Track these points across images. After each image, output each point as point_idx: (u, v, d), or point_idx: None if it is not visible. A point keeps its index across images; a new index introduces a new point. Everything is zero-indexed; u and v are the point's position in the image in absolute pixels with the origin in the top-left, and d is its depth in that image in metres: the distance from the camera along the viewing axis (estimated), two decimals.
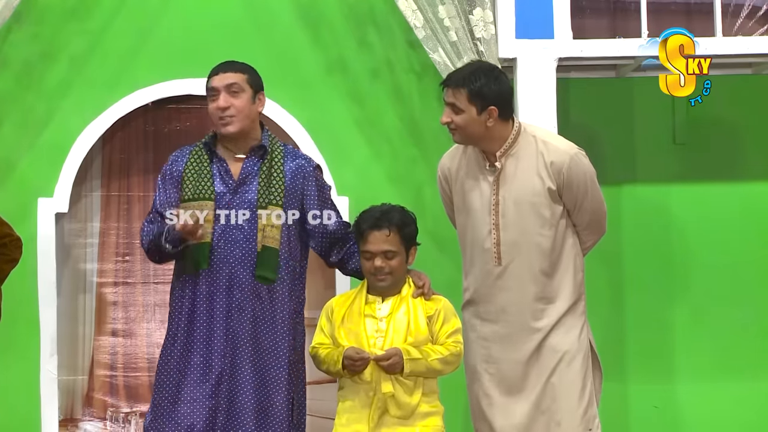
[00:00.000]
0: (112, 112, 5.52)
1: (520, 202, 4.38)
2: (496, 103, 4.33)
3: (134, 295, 5.72)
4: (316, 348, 4.34)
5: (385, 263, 4.30)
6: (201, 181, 4.46)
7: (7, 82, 5.51)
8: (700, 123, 5.82)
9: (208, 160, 4.50)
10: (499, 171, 4.39)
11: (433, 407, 4.33)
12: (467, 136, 4.37)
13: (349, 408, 4.28)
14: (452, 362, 4.30)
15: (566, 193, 4.38)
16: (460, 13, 5.28)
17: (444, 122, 4.38)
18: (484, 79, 4.33)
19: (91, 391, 5.69)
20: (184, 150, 4.59)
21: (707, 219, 5.84)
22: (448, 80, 4.39)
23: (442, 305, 4.36)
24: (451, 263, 5.46)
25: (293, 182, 4.51)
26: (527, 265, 4.38)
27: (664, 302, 5.81)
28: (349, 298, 4.37)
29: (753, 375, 5.81)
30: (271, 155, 4.50)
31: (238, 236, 4.42)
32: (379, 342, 4.27)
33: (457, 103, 4.33)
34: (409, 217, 4.39)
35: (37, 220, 5.45)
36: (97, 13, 5.55)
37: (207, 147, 4.52)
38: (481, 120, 4.33)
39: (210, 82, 4.52)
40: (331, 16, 5.61)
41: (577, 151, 4.42)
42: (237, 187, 4.45)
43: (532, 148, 4.39)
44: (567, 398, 4.36)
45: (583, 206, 4.41)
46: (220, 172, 4.48)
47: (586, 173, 4.41)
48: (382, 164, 5.61)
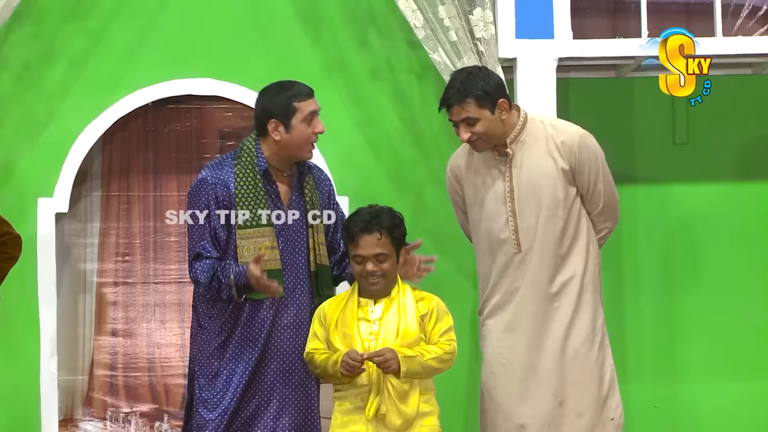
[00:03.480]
0: (112, 112, 5.52)
1: (534, 184, 4.42)
2: (502, 95, 4.41)
3: (134, 295, 5.72)
4: (311, 354, 4.33)
5: (377, 267, 4.28)
6: (258, 205, 4.36)
7: (7, 82, 5.51)
8: (700, 123, 5.82)
9: (262, 181, 4.38)
10: (510, 158, 4.42)
11: (430, 407, 4.32)
12: (490, 138, 4.41)
13: (347, 410, 4.28)
14: (447, 360, 4.29)
15: (579, 175, 4.43)
16: (460, 13, 5.28)
17: (465, 140, 4.40)
18: (480, 81, 4.38)
19: (91, 391, 5.69)
20: (222, 171, 4.41)
21: (707, 219, 5.84)
22: (448, 100, 4.41)
23: (435, 304, 4.35)
24: (451, 263, 5.47)
25: (323, 191, 4.55)
26: (545, 249, 4.42)
27: (664, 302, 5.81)
28: (342, 302, 4.36)
29: (753, 375, 5.81)
30: (308, 169, 4.51)
31: (291, 258, 4.40)
32: (372, 344, 4.26)
33: (469, 114, 4.36)
34: (398, 218, 4.37)
35: (37, 220, 5.44)
36: (97, 13, 5.54)
37: (257, 167, 4.38)
38: (497, 117, 4.39)
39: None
40: (331, 16, 5.60)
41: (585, 133, 4.49)
42: (287, 208, 4.42)
43: (541, 132, 4.45)
44: (586, 388, 4.38)
45: (596, 188, 4.45)
46: (271, 195, 4.40)
47: (597, 153, 4.48)
48: (382, 164, 5.60)
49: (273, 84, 4.46)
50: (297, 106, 4.35)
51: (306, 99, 4.37)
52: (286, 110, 4.35)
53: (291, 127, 4.35)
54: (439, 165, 5.58)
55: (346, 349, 4.23)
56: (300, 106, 4.36)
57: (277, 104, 4.37)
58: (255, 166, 4.37)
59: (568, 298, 4.43)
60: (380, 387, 4.23)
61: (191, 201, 4.39)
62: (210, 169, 4.42)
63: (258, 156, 4.38)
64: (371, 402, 4.22)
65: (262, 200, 4.35)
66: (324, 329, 4.33)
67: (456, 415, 5.45)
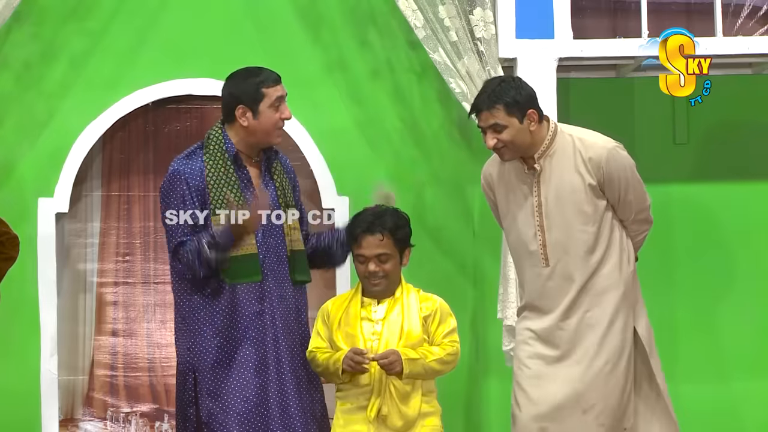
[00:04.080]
0: (112, 112, 5.52)
1: (561, 200, 4.38)
2: (532, 106, 4.36)
3: (134, 295, 5.72)
4: (314, 352, 4.34)
5: (379, 267, 4.29)
6: (230, 190, 4.36)
7: (7, 82, 5.52)
8: (700, 123, 5.82)
9: (233, 166, 4.39)
10: (538, 173, 4.40)
11: (431, 407, 4.32)
12: (516, 148, 4.37)
13: (348, 409, 4.28)
14: (450, 362, 4.30)
15: (608, 189, 4.39)
16: (461, 13, 5.28)
17: (491, 146, 4.37)
18: (513, 89, 4.34)
19: (91, 391, 5.69)
20: (192, 161, 4.43)
21: (707, 219, 5.84)
22: (479, 105, 4.37)
23: (438, 305, 4.35)
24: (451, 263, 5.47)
25: (290, 179, 4.55)
26: (574, 264, 4.37)
27: (665, 302, 5.80)
28: (345, 301, 4.37)
29: (753, 375, 5.81)
30: (275, 154, 4.51)
31: (271, 242, 4.41)
32: (374, 345, 4.26)
33: (498, 121, 4.33)
34: (403, 219, 4.37)
35: (37, 220, 5.45)
36: (97, 13, 5.55)
37: (226, 153, 4.40)
38: (525, 127, 4.34)
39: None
40: (331, 16, 5.61)
41: (615, 145, 4.43)
42: (260, 191, 4.42)
43: (569, 146, 4.41)
44: (610, 397, 4.36)
45: (626, 199, 4.42)
46: (243, 180, 4.42)
47: (626, 166, 4.42)
48: (382, 164, 5.60)
49: (240, 70, 4.47)
50: (265, 92, 4.37)
51: (274, 85, 4.39)
52: (254, 96, 4.37)
53: (259, 113, 4.37)
54: (439, 165, 5.60)
55: (349, 348, 4.24)
56: (268, 92, 4.37)
57: (245, 90, 4.38)
58: (224, 152, 4.38)
59: (601, 310, 4.39)
60: (382, 388, 4.23)
61: (166, 195, 4.40)
62: (180, 160, 4.44)
63: (226, 142, 4.40)
64: (372, 403, 4.23)
65: (234, 185, 4.37)
66: (327, 328, 4.33)
67: (456, 415, 5.45)
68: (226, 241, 4.29)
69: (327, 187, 5.51)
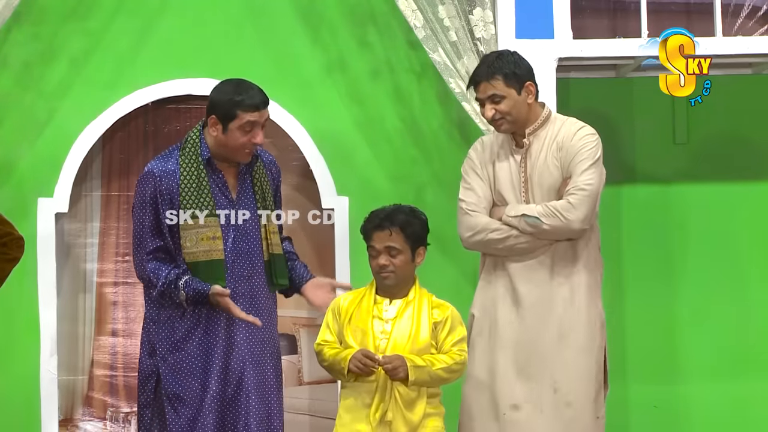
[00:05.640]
0: (112, 112, 5.52)
1: (542, 185, 4.49)
2: (531, 78, 4.47)
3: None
4: (322, 345, 4.34)
5: (389, 261, 4.30)
6: (200, 196, 4.35)
7: (7, 82, 5.51)
8: (700, 123, 5.82)
9: (205, 171, 4.39)
10: (525, 149, 4.45)
11: (434, 409, 4.32)
12: (514, 120, 4.46)
13: (351, 407, 4.28)
14: (456, 371, 4.31)
15: (564, 167, 4.46)
16: (460, 13, 5.28)
17: (489, 117, 4.44)
18: (511, 62, 4.46)
19: (90, 391, 5.69)
20: (167, 161, 4.43)
21: (707, 219, 5.84)
22: (477, 76, 4.48)
23: (450, 313, 4.36)
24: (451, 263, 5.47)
25: (272, 180, 4.56)
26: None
27: (664, 302, 5.81)
28: (358, 296, 4.38)
29: (753, 375, 5.81)
30: (255, 158, 4.50)
31: (243, 247, 4.41)
32: (383, 344, 4.27)
33: (496, 91, 4.42)
34: (417, 217, 4.38)
35: (37, 220, 5.44)
36: (97, 13, 5.54)
37: (200, 157, 4.39)
38: (523, 99, 4.45)
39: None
40: (331, 16, 5.60)
41: (585, 129, 4.49)
42: (238, 198, 4.43)
43: (553, 132, 4.49)
44: (580, 380, 4.40)
45: (570, 178, 4.45)
46: (217, 184, 4.42)
47: (585, 145, 4.45)
48: (382, 164, 5.60)
49: (233, 80, 4.46)
50: (238, 114, 4.33)
51: (252, 111, 4.33)
52: (227, 113, 4.34)
53: (228, 129, 4.35)
54: (439, 165, 5.59)
55: (358, 344, 4.25)
56: (241, 115, 4.33)
57: (222, 104, 4.36)
58: (198, 156, 4.38)
59: (573, 289, 4.48)
60: (386, 392, 4.23)
61: (137, 193, 4.42)
62: (156, 161, 4.45)
63: (201, 146, 4.40)
64: (376, 406, 4.22)
65: (204, 190, 4.36)
66: (337, 323, 4.34)
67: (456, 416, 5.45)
68: (199, 299, 4.31)
69: (327, 187, 5.51)
